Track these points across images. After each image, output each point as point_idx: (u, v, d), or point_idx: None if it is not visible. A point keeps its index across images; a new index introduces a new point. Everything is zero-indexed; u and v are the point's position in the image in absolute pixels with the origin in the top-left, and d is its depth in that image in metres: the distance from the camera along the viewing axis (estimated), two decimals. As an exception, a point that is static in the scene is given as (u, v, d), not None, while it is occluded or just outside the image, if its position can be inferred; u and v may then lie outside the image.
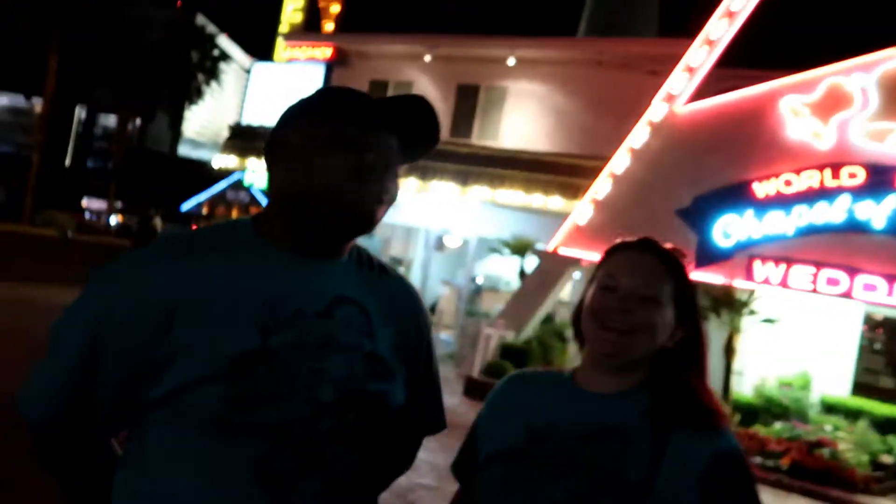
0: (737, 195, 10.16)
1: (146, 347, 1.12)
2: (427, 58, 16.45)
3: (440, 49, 16.31)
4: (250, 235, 1.22)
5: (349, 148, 1.16)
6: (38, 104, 31.01)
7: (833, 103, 9.82)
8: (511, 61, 15.32)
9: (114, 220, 28.90)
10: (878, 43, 9.82)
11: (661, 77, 11.48)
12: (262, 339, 1.13)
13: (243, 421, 1.11)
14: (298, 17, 21.54)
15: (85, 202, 31.77)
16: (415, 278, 15.67)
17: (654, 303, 1.28)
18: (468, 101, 16.00)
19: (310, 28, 21.03)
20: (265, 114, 18.48)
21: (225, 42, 23.61)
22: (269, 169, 1.24)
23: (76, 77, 27.46)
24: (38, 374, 1.17)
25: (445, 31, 16.81)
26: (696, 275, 1.35)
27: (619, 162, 10.98)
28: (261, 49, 21.30)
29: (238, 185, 17.77)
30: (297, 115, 1.24)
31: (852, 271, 9.16)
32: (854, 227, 9.34)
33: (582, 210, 11.07)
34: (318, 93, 1.27)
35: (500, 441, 1.31)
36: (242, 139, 17.52)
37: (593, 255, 10.78)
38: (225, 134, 18.94)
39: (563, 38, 16.41)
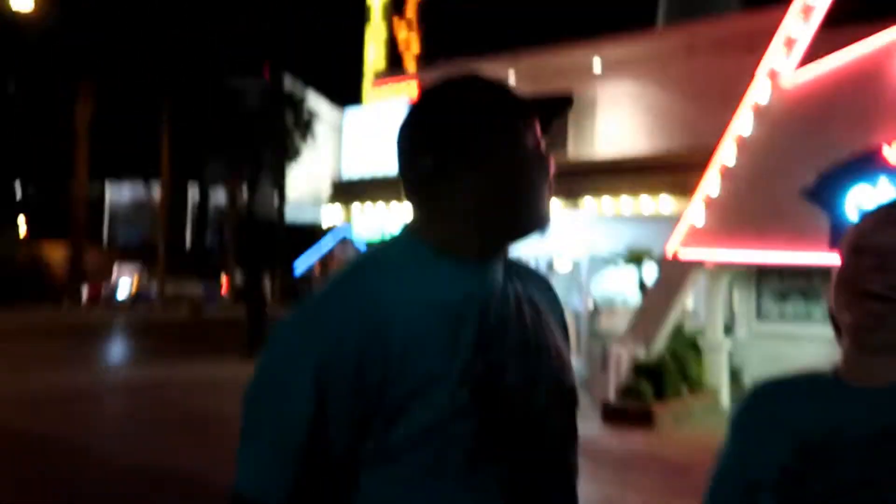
0: (867, 163, 9.33)
1: (373, 388, 1.02)
2: (510, 74, 16.30)
3: (522, 63, 16.14)
4: (427, 252, 1.14)
5: (537, 150, 1.16)
6: (155, 189, 33.46)
7: (963, 46, 8.84)
8: (597, 64, 14.93)
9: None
10: None
11: (758, 54, 10.76)
12: (484, 358, 1.08)
13: (493, 449, 1.06)
14: (381, 58, 22.08)
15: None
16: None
17: None
18: (559, 113, 15.69)
19: (394, 66, 21.51)
20: (363, 163, 18.95)
21: (313, 97, 24.61)
22: (444, 180, 1.15)
23: (187, 155, 29.39)
24: (253, 449, 1.05)
25: (526, 45, 16.60)
26: (835, 257, 1.11)
27: (728, 151, 10.36)
28: (347, 99, 22.02)
29: (345, 241, 18.31)
30: (473, 120, 1.15)
31: None
32: None
33: (696, 208, 10.51)
34: (478, 89, 1.19)
35: (765, 467, 1.11)
36: (345, 193, 18.02)
37: (716, 255, 10.19)
38: (325, 190, 19.60)
39: (648, 31, 15.83)
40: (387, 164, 18.40)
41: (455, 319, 1.08)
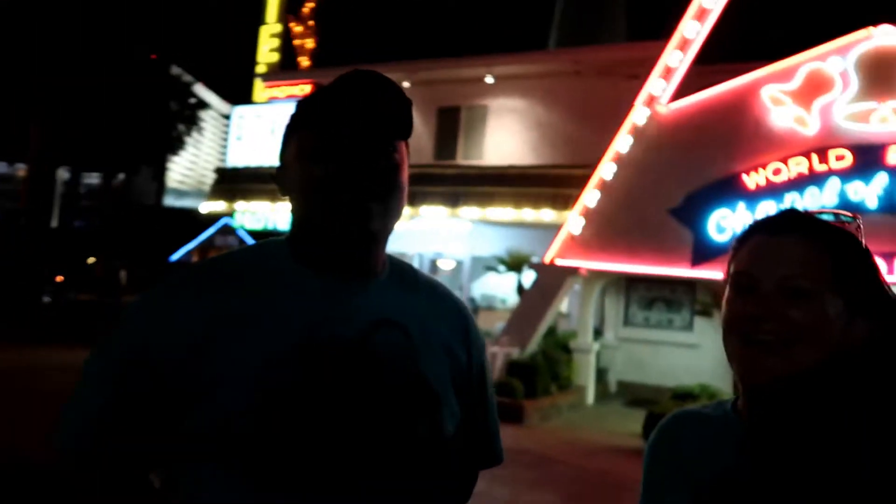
0: (727, 189, 10.14)
1: (179, 379, 1.05)
2: (406, 84, 16.50)
3: (418, 74, 16.38)
4: (283, 258, 1.16)
5: (328, 154, 1.11)
6: (21, 170, 31.04)
7: (813, 89, 9.84)
8: (489, 79, 15.38)
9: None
10: (852, 25, 9.87)
11: (639, 81, 11.50)
12: (299, 369, 1.06)
13: (281, 456, 1.03)
14: (275, 57, 21.69)
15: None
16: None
17: (810, 297, 0.96)
18: (450, 123, 16.02)
19: (287, 66, 21.15)
20: (249, 156, 18.48)
21: (201, 90, 23.79)
22: (281, 190, 1.20)
23: (58, 138, 27.58)
24: (72, 406, 1.10)
25: (421, 56, 16.85)
26: (696, 272, 1.13)
27: (607, 168, 10.96)
28: (238, 93, 21.45)
29: (226, 229, 17.68)
30: (287, 130, 1.20)
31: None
32: (848, 209, 9.28)
33: (574, 219, 11.02)
34: (300, 101, 1.21)
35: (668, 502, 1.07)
36: (229, 182, 17.49)
37: (590, 264, 10.72)
38: (209, 180, 18.92)
39: (539, 52, 16.51)
40: (273, 159, 18.05)
41: (275, 328, 1.07)
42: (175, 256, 18.81)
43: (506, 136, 15.39)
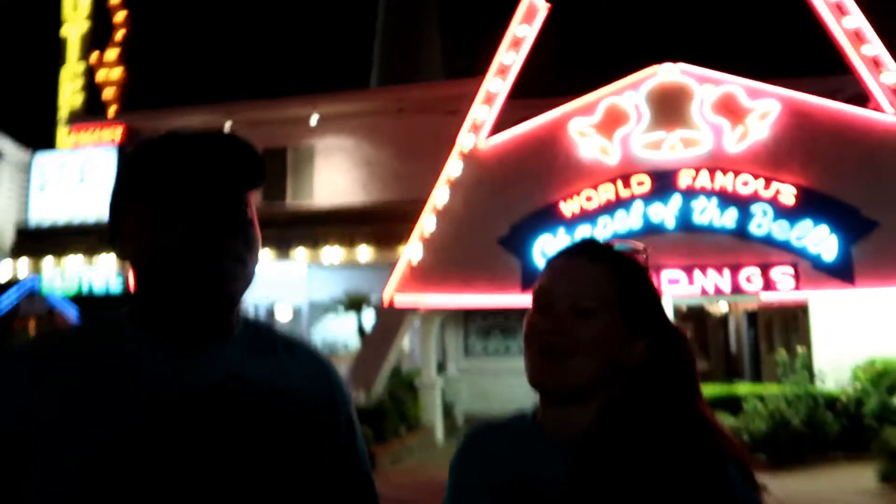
0: (548, 217, 10.79)
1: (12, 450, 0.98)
2: (227, 125, 16.03)
3: (240, 115, 15.98)
4: (127, 328, 1.09)
5: (180, 221, 1.06)
6: None
7: (613, 121, 10.78)
8: (314, 119, 15.35)
9: None
10: (643, 60, 10.95)
11: (459, 116, 11.98)
12: (135, 444, 1.00)
13: None
14: (79, 100, 20.17)
15: None
16: (252, 353, 15.00)
17: (592, 316, 1.10)
18: (277, 164, 15.75)
19: (94, 110, 19.76)
20: (56, 208, 17.01)
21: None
22: (115, 252, 1.14)
23: None
24: None
25: (241, 96, 16.46)
26: (525, 297, 1.31)
27: (441, 192, 11.21)
28: (38, 139, 19.68)
29: (32, 295, 16.04)
30: (120, 195, 1.12)
31: (657, 269, 10.02)
32: (652, 230, 10.25)
33: (409, 254, 11.20)
34: (131, 163, 1.14)
35: None
36: (33, 240, 15.94)
37: (428, 297, 10.93)
38: (5, 238, 17.15)
39: (361, 91, 16.74)
40: (84, 211, 16.71)
41: (110, 399, 1.02)
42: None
43: (335, 175, 15.38)
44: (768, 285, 9.61)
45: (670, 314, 10.18)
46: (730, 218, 9.93)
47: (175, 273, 1.06)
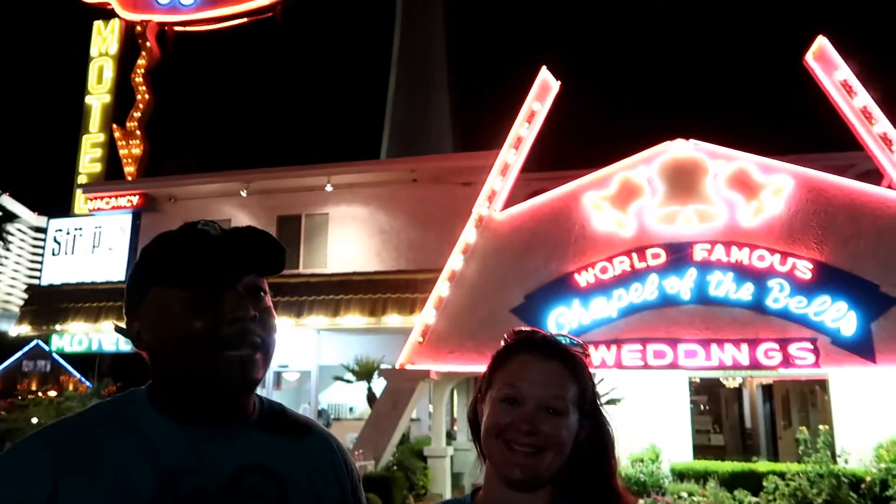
0: (562, 287, 10.78)
1: None
2: (243, 193, 16.28)
3: (255, 183, 16.24)
4: (144, 410, 1.12)
5: (205, 308, 1.10)
6: None
7: (627, 194, 10.90)
8: (329, 187, 15.57)
9: None
10: (657, 136, 11.16)
11: (472, 188, 12.17)
12: None
13: None
14: (98, 168, 20.57)
15: None
16: (258, 421, 14.77)
17: (561, 415, 1.22)
18: (291, 231, 15.91)
19: (113, 176, 20.12)
20: (69, 271, 17.12)
21: (7, 201, 21.93)
22: (131, 336, 1.16)
23: None
24: None
25: (258, 164, 16.76)
26: None
27: (456, 259, 11.22)
28: (53, 205, 19.94)
29: (36, 353, 15.93)
30: (141, 281, 1.16)
31: (674, 342, 9.94)
32: (667, 302, 10.21)
33: (423, 322, 11.15)
34: (159, 243, 1.18)
35: None
36: (44, 302, 15.95)
37: (440, 366, 10.82)
38: (15, 300, 17.17)
39: (376, 161, 17.07)
40: (96, 274, 16.78)
41: (131, 485, 1.04)
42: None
43: (348, 242, 15.50)
44: (787, 360, 9.49)
45: (685, 386, 10.03)
46: (746, 292, 9.90)
47: (199, 359, 1.09)
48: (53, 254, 18.24)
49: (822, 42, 10.53)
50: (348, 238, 15.59)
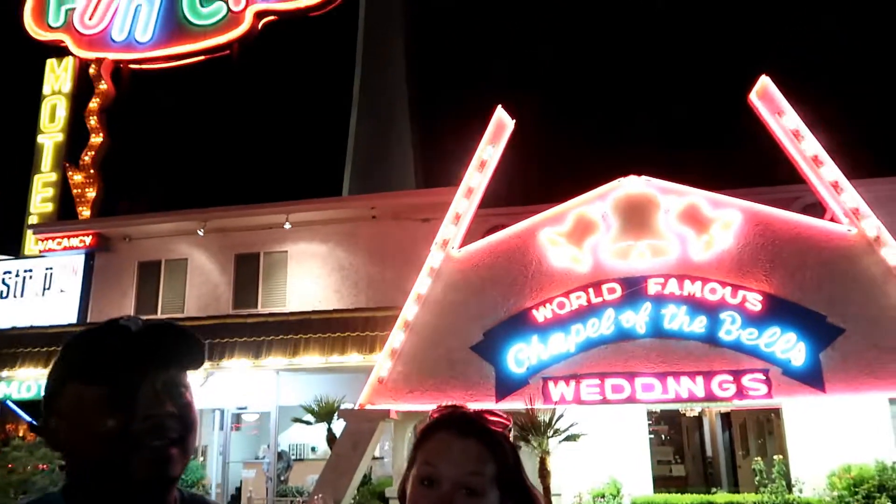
0: (520, 323, 10.84)
1: None
2: (200, 232, 16.10)
3: (212, 222, 16.09)
4: None
5: (120, 405, 1.10)
6: None
7: (582, 230, 11.08)
8: (287, 225, 15.49)
9: None
10: (611, 172, 11.37)
11: (432, 223, 12.23)
12: None
13: None
14: (49, 207, 20.12)
15: None
16: (213, 464, 14.42)
17: (478, 495, 1.21)
18: (249, 270, 15.75)
19: (65, 216, 19.69)
20: (17, 316, 16.64)
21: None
22: (52, 443, 1.16)
23: None
24: None
25: (216, 202, 16.59)
26: (501, 405, 1.36)
27: (410, 310, 11.27)
28: (3, 243, 19.42)
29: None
30: (64, 370, 1.16)
31: (631, 376, 10.06)
32: (623, 336, 10.34)
33: (383, 362, 11.09)
34: (80, 340, 1.18)
35: None
36: (-8, 346, 15.44)
37: (401, 406, 10.74)
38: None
39: (336, 198, 17.04)
40: (45, 319, 16.34)
41: None
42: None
43: (307, 280, 15.38)
44: (741, 392, 9.67)
45: (643, 418, 10.10)
46: (699, 324, 10.09)
47: (113, 456, 1.09)
48: (2, 296, 17.73)
49: (765, 82, 10.92)
50: (307, 275, 15.49)
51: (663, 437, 14.73)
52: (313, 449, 14.55)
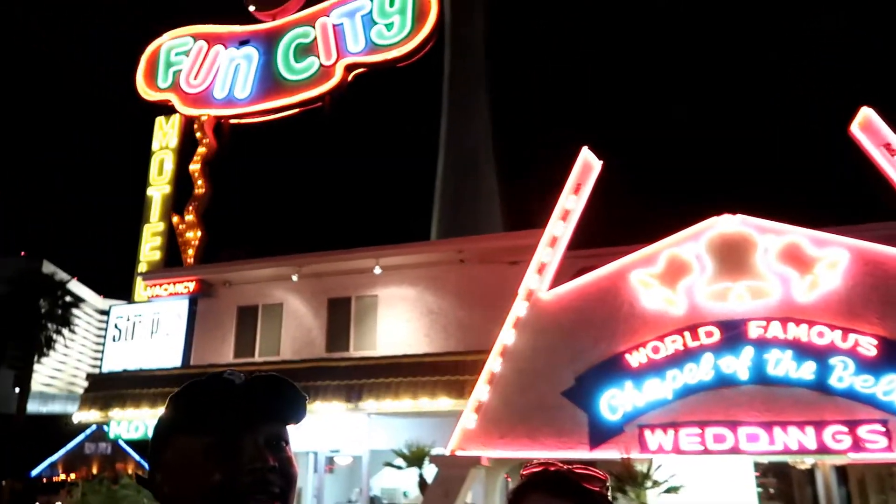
0: (613, 368, 10.54)
1: None
2: (294, 277, 16.62)
3: (307, 267, 16.59)
4: None
5: (224, 458, 1.11)
6: None
7: (676, 271, 10.74)
8: (377, 270, 15.78)
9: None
10: (702, 213, 11.04)
11: (520, 266, 12.15)
12: None
13: None
14: (157, 255, 21.34)
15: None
16: (308, 507, 14.61)
17: None
18: (341, 314, 16.09)
19: (171, 263, 20.83)
20: (127, 359, 17.58)
21: (75, 285, 22.82)
22: (152, 487, 1.17)
23: None
24: None
25: (309, 248, 17.16)
26: (595, 454, 1.31)
27: (495, 362, 11.07)
28: (115, 287, 20.72)
29: (98, 436, 16.25)
30: (171, 422, 1.19)
31: (734, 425, 9.56)
32: (724, 382, 9.87)
33: (468, 415, 10.96)
34: (185, 393, 1.21)
35: None
36: (104, 388, 16.37)
37: (491, 452, 10.60)
38: (80, 381, 17.67)
39: (424, 242, 17.29)
40: (154, 360, 17.20)
41: None
42: (36, 470, 16.97)
43: (397, 323, 15.56)
44: (857, 444, 9.01)
45: (749, 470, 9.56)
46: (807, 370, 9.52)
47: None
48: (114, 340, 18.79)
49: (867, 112, 10.41)
50: (397, 319, 15.66)
51: (771, 490, 13.84)
52: (405, 494, 14.52)
